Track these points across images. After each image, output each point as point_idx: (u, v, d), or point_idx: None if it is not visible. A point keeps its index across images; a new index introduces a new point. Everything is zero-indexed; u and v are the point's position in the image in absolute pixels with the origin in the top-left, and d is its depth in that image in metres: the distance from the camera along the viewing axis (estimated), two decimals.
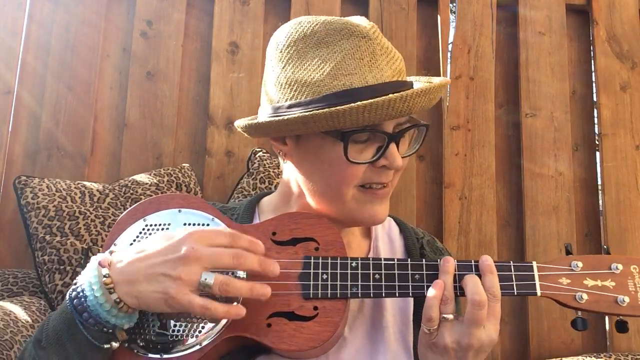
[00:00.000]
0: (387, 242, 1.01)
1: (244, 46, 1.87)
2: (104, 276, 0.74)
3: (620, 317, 0.81)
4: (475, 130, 1.92)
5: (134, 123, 1.78)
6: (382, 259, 0.83)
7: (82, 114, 1.76)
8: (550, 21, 2.02)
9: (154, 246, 0.75)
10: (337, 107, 0.78)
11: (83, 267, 1.39)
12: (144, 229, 0.87)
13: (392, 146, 0.84)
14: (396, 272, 0.82)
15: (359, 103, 0.78)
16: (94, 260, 0.77)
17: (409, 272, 0.82)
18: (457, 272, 0.81)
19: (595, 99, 2.04)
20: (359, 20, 0.88)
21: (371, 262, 0.82)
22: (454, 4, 2.02)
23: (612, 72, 2.01)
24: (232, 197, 1.66)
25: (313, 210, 0.91)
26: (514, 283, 0.81)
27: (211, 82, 1.83)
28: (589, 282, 0.82)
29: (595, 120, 2.04)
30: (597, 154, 2.00)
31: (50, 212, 1.44)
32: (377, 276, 0.81)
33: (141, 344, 0.78)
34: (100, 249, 1.42)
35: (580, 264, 0.82)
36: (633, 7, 2.07)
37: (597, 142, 2.02)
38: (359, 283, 0.81)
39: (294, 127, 0.83)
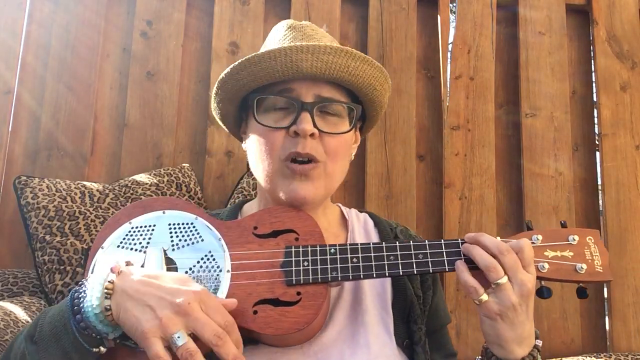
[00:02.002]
0: (363, 234, 1.06)
1: (244, 46, 1.86)
2: (109, 281, 0.75)
3: (581, 283, 0.87)
4: (475, 130, 1.92)
5: (134, 123, 1.78)
6: (359, 244, 0.88)
7: (82, 114, 1.76)
8: (550, 21, 2.02)
9: (166, 281, 0.77)
10: (234, 64, 0.89)
11: (83, 267, 1.40)
12: (130, 231, 0.90)
13: (304, 113, 0.89)
14: (372, 254, 0.87)
15: (248, 57, 0.88)
16: (107, 266, 0.78)
17: (384, 253, 0.87)
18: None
19: (595, 99, 2.04)
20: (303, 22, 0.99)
21: (348, 247, 0.88)
22: (454, 4, 2.01)
23: (612, 72, 2.01)
24: (232, 197, 1.66)
25: (270, 200, 0.98)
26: None
27: (211, 82, 1.83)
28: (550, 253, 0.87)
29: (595, 120, 2.04)
30: (597, 154, 2.00)
31: (50, 212, 1.44)
32: (354, 260, 0.86)
33: (133, 343, 0.78)
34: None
35: (540, 237, 0.88)
36: (633, 7, 2.07)
37: (597, 142, 2.02)
38: (338, 266, 0.86)
39: (219, 94, 0.96)
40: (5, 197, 1.67)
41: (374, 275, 0.86)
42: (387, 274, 0.86)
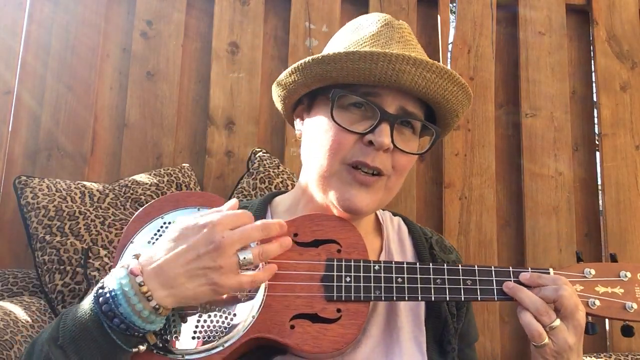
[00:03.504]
0: (397, 242, 1.02)
1: (244, 46, 1.86)
2: (140, 285, 0.73)
3: (627, 322, 0.85)
4: (475, 130, 1.92)
5: (134, 123, 1.78)
6: (405, 263, 0.84)
7: (82, 114, 1.76)
8: (550, 21, 2.02)
9: (181, 243, 0.75)
10: (326, 53, 0.84)
11: (84, 267, 1.40)
12: (162, 227, 0.86)
13: (384, 125, 0.84)
14: (418, 276, 0.83)
15: (341, 50, 0.84)
16: (122, 268, 0.75)
17: (431, 276, 0.83)
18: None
19: (595, 99, 2.04)
20: (394, 19, 0.94)
21: (394, 265, 0.83)
22: (454, 4, 2.01)
23: (612, 72, 2.01)
24: (232, 197, 1.66)
25: (315, 199, 0.92)
26: None
27: (211, 82, 1.83)
28: (600, 289, 0.86)
29: (595, 120, 2.04)
30: (597, 154, 2.00)
31: (50, 212, 1.44)
32: (399, 280, 0.82)
33: (160, 345, 0.77)
34: (101, 249, 1.42)
35: (592, 272, 0.86)
36: (633, 7, 2.07)
37: (597, 142, 2.02)
38: (382, 285, 0.82)
39: (302, 74, 0.88)
40: (5, 197, 1.67)
41: (419, 299, 0.82)
42: (432, 298, 0.82)
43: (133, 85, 1.80)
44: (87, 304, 0.75)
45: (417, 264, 0.84)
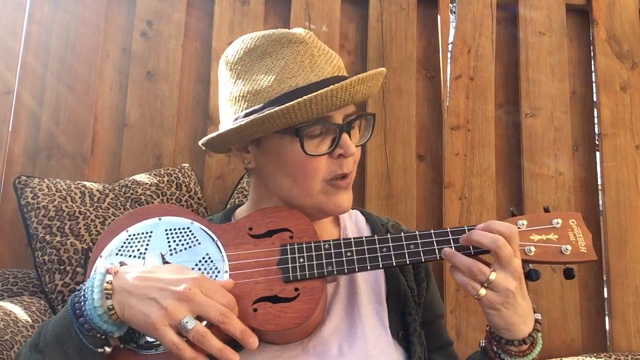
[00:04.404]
0: (355, 231, 1.09)
1: None
2: (107, 282, 0.78)
3: (567, 265, 0.90)
4: (475, 130, 1.92)
5: (134, 123, 1.78)
6: (352, 238, 0.91)
7: (82, 114, 1.76)
8: (550, 21, 2.02)
9: (162, 273, 0.80)
10: (287, 104, 0.86)
11: (84, 267, 1.40)
12: (127, 239, 0.92)
13: (344, 135, 0.92)
14: (365, 247, 0.90)
15: (305, 97, 0.86)
16: (102, 267, 0.81)
17: (377, 246, 0.90)
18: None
19: (595, 99, 2.04)
20: (295, 29, 0.97)
21: (342, 241, 0.90)
22: (454, 4, 2.01)
23: (612, 72, 2.01)
24: (232, 197, 1.66)
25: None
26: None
27: (211, 82, 1.83)
28: (535, 237, 0.90)
29: (595, 120, 2.04)
30: (597, 154, 2.00)
31: (50, 212, 1.44)
32: (348, 254, 0.89)
33: (134, 345, 0.82)
34: None
35: (525, 222, 0.91)
36: (633, 7, 2.07)
37: (597, 142, 2.02)
38: (333, 260, 0.88)
39: (252, 130, 0.91)
40: (5, 197, 1.67)
41: (368, 267, 0.88)
42: (380, 265, 0.89)
43: (133, 85, 1.80)
44: (65, 307, 0.81)
45: (364, 237, 0.90)
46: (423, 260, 0.88)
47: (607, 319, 1.89)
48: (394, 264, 0.88)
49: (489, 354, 0.91)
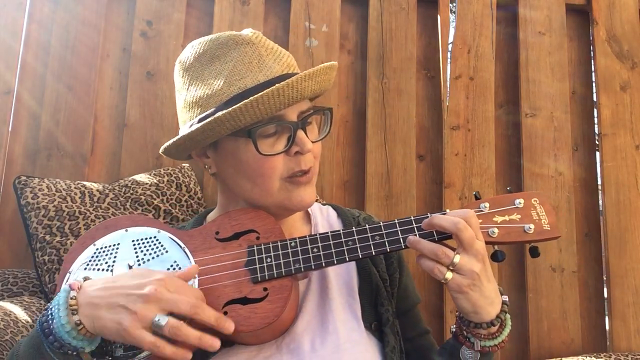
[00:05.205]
0: (327, 226, 1.09)
1: None
2: (71, 298, 0.78)
3: (531, 243, 0.91)
4: (475, 130, 1.92)
5: (134, 123, 1.78)
6: (318, 234, 0.92)
7: (82, 114, 1.76)
8: (550, 21, 2.02)
9: (125, 280, 0.81)
10: (234, 107, 0.87)
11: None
12: (95, 252, 0.92)
13: (299, 132, 0.92)
14: (331, 242, 0.90)
15: (251, 98, 0.86)
16: (65, 286, 0.81)
17: (343, 240, 0.90)
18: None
19: (595, 99, 2.04)
20: (243, 31, 0.98)
21: (308, 238, 0.91)
22: (454, 4, 2.01)
23: (612, 72, 2.01)
24: None
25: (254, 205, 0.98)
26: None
27: None
28: (498, 218, 0.91)
29: (595, 120, 2.04)
30: (597, 154, 2.00)
31: (50, 212, 1.44)
32: (315, 250, 0.90)
33: (110, 359, 0.82)
34: None
35: (487, 205, 0.92)
36: (633, 7, 2.07)
37: (597, 142, 2.02)
38: (300, 257, 0.89)
39: (203, 135, 0.92)
40: (5, 197, 1.67)
41: (335, 262, 0.89)
42: (347, 259, 0.89)
43: (133, 85, 1.80)
44: (34, 328, 0.81)
45: (329, 232, 0.91)
46: (388, 250, 0.90)
47: (607, 319, 1.89)
48: (360, 256, 0.89)
49: (460, 338, 0.92)
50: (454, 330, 0.95)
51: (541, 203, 0.92)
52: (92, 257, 0.92)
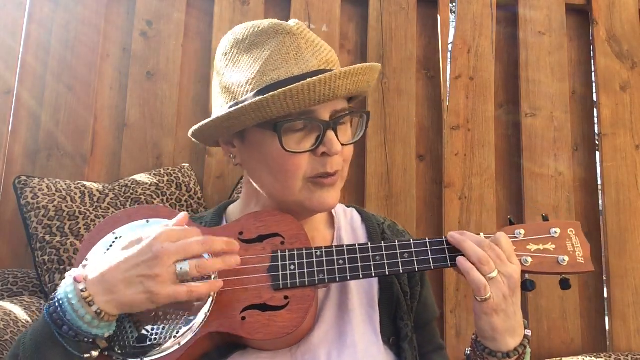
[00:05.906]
0: (350, 231, 1.05)
1: None
2: (81, 290, 0.77)
3: (563, 275, 0.89)
4: (475, 130, 1.92)
5: (134, 123, 1.78)
6: (345, 246, 0.88)
7: (82, 114, 1.76)
8: (550, 21, 2.02)
9: (125, 253, 0.79)
10: (261, 97, 0.83)
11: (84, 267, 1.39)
12: (114, 242, 0.90)
13: (329, 133, 0.88)
14: (358, 255, 0.87)
15: (279, 90, 0.82)
16: (69, 276, 0.79)
17: (370, 254, 0.87)
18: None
19: (595, 99, 2.04)
20: (290, 21, 0.94)
21: (334, 249, 0.88)
22: (454, 4, 2.01)
23: (612, 72, 2.01)
24: (231, 196, 1.66)
25: (273, 207, 0.95)
26: None
27: (211, 82, 1.83)
28: (532, 247, 0.89)
29: (595, 120, 2.04)
30: (597, 154, 2.00)
31: (50, 212, 1.44)
32: (341, 261, 0.87)
33: (119, 352, 0.80)
34: None
35: (522, 232, 0.90)
36: (633, 7, 2.07)
37: (597, 142, 2.02)
38: (325, 268, 0.86)
39: (229, 123, 0.89)
40: (5, 197, 1.67)
41: (361, 276, 0.86)
42: (373, 275, 0.87)
43: (133, 85, 1.80)
44: (41, 317, 0.80)
45: (357, 245, 0.88)
46: (417, 270, 0.87)
47: (607, 319, 1.89)
48: (387, 273, 0.87)
49: None
50: (468, 353, 0.92)
51: (577, 234, 0.90)
52: (111, 246, 0.89)
